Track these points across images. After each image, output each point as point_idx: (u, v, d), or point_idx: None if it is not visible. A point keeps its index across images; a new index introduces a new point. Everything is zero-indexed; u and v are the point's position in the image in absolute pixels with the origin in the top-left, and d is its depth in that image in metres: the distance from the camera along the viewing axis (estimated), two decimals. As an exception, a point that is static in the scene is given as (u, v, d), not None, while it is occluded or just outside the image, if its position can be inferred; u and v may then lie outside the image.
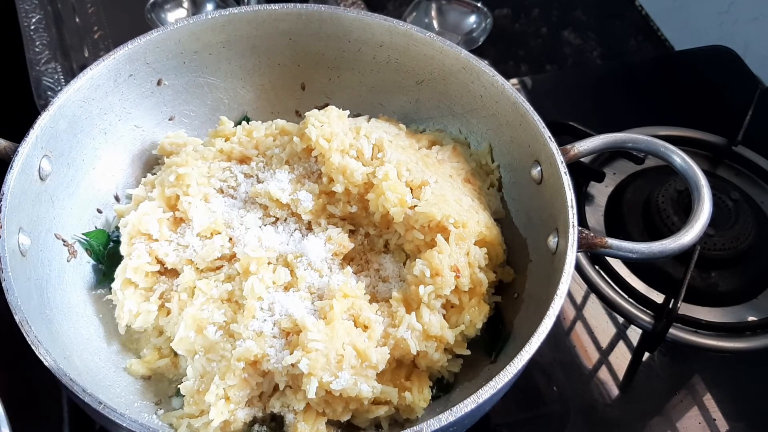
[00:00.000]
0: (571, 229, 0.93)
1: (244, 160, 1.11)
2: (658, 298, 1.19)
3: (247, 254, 0.98)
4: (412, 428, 0.79)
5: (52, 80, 1.41)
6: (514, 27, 1.68)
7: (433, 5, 1.59)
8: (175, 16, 1.52)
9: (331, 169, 1.02)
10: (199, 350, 0.95)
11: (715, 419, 1.10)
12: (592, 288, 1.21)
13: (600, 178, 1.32)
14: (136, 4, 1.51)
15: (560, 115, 1.28)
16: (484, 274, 1.00)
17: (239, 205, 1.08)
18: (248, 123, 1.17)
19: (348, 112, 1.09)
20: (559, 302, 0.87)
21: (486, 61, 1.11)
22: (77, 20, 1.51)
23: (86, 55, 1.46)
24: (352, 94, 1.21)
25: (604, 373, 1.14)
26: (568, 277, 0.89)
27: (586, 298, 1.21)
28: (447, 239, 0.98)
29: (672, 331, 1.14)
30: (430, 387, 0.98)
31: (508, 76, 1.10)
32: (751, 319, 1.20)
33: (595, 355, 1.16)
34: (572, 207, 0.94)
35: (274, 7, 1.14)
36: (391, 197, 0.99)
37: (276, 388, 0.93)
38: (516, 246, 1.09)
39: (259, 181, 1.08)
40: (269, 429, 0.95)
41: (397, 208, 1.00)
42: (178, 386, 0.94)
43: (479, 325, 0.99)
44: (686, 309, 1.18)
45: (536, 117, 1.03)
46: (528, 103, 1.04)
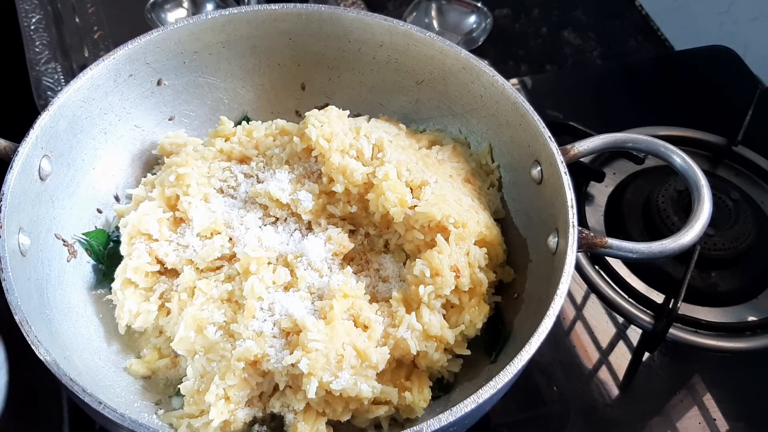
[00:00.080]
0: (571, 229, 0.93)
1: (244, 160, 1.11)
2: (658, 298, 1.19)
3: (247, 254, 0.98)
4: (412, 428, 0.79)
5: (52, 80, 1.41)
6: (514, 27, 1.68)
7: (433, 5, 1.59)
8: (175, 16, 1.52)
9: (331, 169, 1.02)
10: (199, 350, 0.95)
11: (715, 419, 1.10)
12: (592, 288, 1.21)
13: (600, 178, 1.32)
14: (136, 4, 1.51)
15: (560, 115, 1.28)
16: (484, 274, 1.00)
17: (239, 205, 1.07)
18: (248, 123, 1.17)
19: (348, 112, 1.09)
20: (559, 302, 0.87)
21: (486, 61, 1.11)
22: (77, 20, 1.51)
23: (86, 55, 1.46)
24: (352, 94, 1.21)
25: (604, 373, 1.14)
26: (568, 277, 0.89)
27: (586, 298, 1.21)
28: (447, 239, 0.98)
29: (672, 331, 1.14)
30: (430, 387, 0.98)
31: (508, 76, 1.10)
32: (751, 319, 1.20)
33: (595, 355, 1.16)
34: (572, 207, 0.94)
35: (274, 7, 1.14)
36: (391, 197, 0.99)
37: (276, 388, 0.93)
38: (516, 246, 1.09)
39: (259, 181, 1.08)
40: (269, 429, 0.95)
41: (397, 208, 1.00)
42: (178, 386, 0.94)
43: (479, 325, 0.99)
44: (686, 309, 1.18)
45: (536, 117, 1.03)
46: (528, 103, 1.04)
